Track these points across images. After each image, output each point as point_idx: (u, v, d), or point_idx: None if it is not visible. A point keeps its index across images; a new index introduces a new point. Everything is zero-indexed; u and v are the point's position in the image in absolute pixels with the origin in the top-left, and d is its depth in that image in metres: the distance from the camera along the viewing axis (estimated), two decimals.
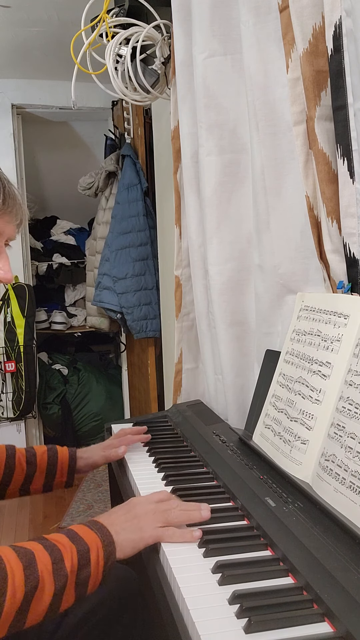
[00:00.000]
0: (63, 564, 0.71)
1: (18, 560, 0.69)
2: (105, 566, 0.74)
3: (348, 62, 0.90)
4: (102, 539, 0.76)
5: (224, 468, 1.01)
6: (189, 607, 0.63)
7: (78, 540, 0.74)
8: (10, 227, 0.87)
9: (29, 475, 1.09)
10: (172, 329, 1.66)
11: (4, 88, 3.11)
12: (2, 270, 0.87)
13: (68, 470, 1.12)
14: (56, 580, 0.70)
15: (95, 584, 0.74)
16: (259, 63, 1.08)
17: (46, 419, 3.49)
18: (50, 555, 0.71)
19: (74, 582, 0.71)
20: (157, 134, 2.29)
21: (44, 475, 1.10)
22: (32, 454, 1.12)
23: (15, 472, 1.08)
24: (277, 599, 0.64)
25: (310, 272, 1.06)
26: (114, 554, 0.76)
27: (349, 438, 0.80)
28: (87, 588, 0.73)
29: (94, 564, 0.73)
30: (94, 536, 0.76)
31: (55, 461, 1.11)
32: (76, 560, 0.72)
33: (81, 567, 0.72)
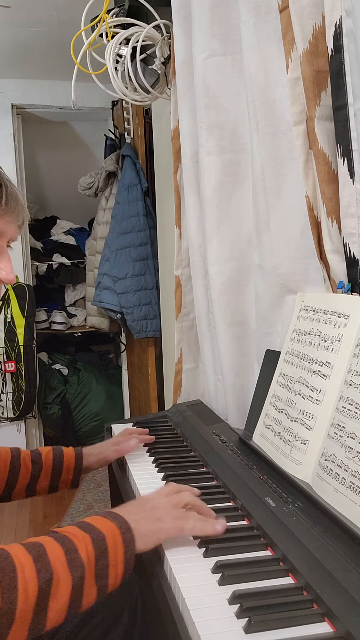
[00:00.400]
0: (77, 553, 0.67)
1: (27, 553, 0.65)
2: (126, 555, 0.70)
3: (348, 62, 0.90)
4: (119, 526, 0.72)
5: (224, 468, 1.01)
6: (189, 607, 0.63)
7: (91, 529, 0.71)
8: (12, 228, 0.87)
9: (34, 474, 1.08)
10: (172, 329, 1.66)
11: (4, 88, 3.11)
12: (4, 271, 0.86)
13: (75, 467, 1.11)
14: (72, 571, 0.66)
15: (117, 576, 0.70)
16: (259, 63, 1.08)
17: (46, 419, 3.49)
18: (61, 545, 0.67)
19: (93, 573, 0.67)
20: (157, 134, 2.29)
21: (50, 474, 1.09)
22: (37, 454, 1.11)
23: (20, 472, 1.07)
24: (277, 599, 0.64)
25: (310, 272, 1.06)
26: (133, 543, 0.71)
27: (349, 438, 0.80)
28: (109, 580, 0.69)
29: (111, 552, 0.69)
30: (109, 524, 0.72)
31: (61, 459, 1.10)
32: (92, 549, 0.68)
33: (98, 557, 0.68)
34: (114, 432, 1.32)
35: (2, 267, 0.86)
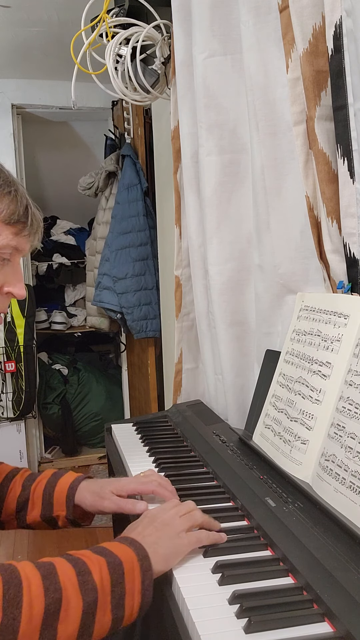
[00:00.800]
0: (90, 576, 0.63)
1: (35, 570, 0.62)
2: (143, 584, 0.66)
3: (348, 62, 0.90)
4: (136, 552, 0.68)
5: (224, 468, 1.01)
6: (189, 607, 0.63)
7: (107, 553, 0.67)
8: (28, 246, 0.89)
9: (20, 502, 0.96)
10: (172, 329, 1.66)
11: (4, 88, 3.11)
12: (17, 287, 0.87)
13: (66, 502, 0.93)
14: (83, 594, 0.61)
15: (134, 605, 0.65)
16: (259, 63, 1.08)
17: (46, 419, 3.49)
18: (74, 566, 0.64)
19: (108, 600, 0.63)
20: (157, 134, 2.29)
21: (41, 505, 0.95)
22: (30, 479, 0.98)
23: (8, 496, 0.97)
24: (277, 599, 0.64)
25: (310, 272, 1.06)
26: (150, 570, 0.67)
27: (349, 438, 0.80)
28: (124, 611, 0.64)
29: (128, 579, 0.65)
30: (125, 549, 0.68)
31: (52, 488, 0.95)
32: (107, 574, 0.64)
33: (114, 583, 0.64)
34: (114, 432, 1.32)
35: (15, 282, 0.87)
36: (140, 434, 1.28)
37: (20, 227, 0.84)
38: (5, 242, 0.83)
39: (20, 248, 0.86)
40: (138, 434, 1.28)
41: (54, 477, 0.97)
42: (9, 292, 0.87)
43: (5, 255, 0.85)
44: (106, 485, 0.92)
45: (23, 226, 0.84)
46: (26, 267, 3.29)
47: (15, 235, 0.84)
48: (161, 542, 0.72)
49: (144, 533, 0.73)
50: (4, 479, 0.99)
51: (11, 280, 0.87)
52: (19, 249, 0.86)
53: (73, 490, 0.93)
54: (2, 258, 0.85)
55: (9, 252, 0.85)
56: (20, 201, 0.83)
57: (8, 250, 0.84)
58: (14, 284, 0.87)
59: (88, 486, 0.93)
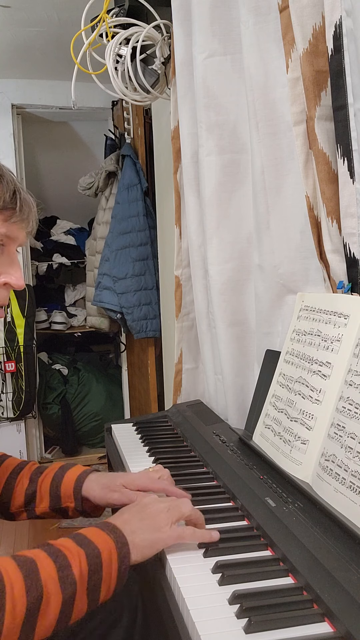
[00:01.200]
0: (70, 570, 0.66)
1: (17, 570, 0.64)
2: (120, 570, 0.70)
3: (348, 62, 0.90)
4: (115, 540, 0.71)
5: (224, 468, 1.01)
6: (189, 607, 0.63)
7: (87, 544, 0.70)
8: (23, 234, 0.87)
9: (29, 494, 0.97)
10: (172, 329, 1.66)
11: (4, 88, 3.11)
12: (14, 277, 0.86)
13: (73, 493, 0.94)
14: (63, 588, 0.65)
15: (109, 589, 0.69)
16: (259, 63, 1.08)
17: (46, 419, 3.49)
18: (54, 562, 0.66)
19: (85, 589, 0.67)
20: (157, 134, 2.29)
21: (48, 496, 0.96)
22: (37, 472, 1.00)
23: (15, 489, 0.99)
24: (277, 599, 0.64)
25: (310, 272, 1.06)
26: (128, 557, 0.71)
27: (349, 438, 0.80)
28: (100, 594, 0.68)
29: (106, 568, 0.69)
30: (105, 537, 0.71)
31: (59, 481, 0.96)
32: (85, 566, 0.67)
33: (92, 573, 0.67)
34: (114, 432, 1.32)
35: (12, 272, 0.86)
36: (140, 434, 1.28)
37: (8, 213, 0.82)
38: None
39: (12, 236, 0.84)
40: (138, 434, 1.28)
41: (61, 470, 0.97)
42: (6, 282, 0.86)
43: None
44: (116, 478, 0.93)
45: (12, 212, 0.82)
46: (26, 267, 3.29)
47: (4, 222, 0.82)
48: (140, 532, 0.74)
49: (128, 521, 0.75)
50: (12, 472, 1.00)
51: (7, 270, 0.85)
52: (11, 237, 0.84)
53: (80, 483, 0.94)
54: None
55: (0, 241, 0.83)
56: (7, 187, 0.82)
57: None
58: (11, 273, 0.86)
59: (97, 479, 0.94)
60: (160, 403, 2.70)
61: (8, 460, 1.03)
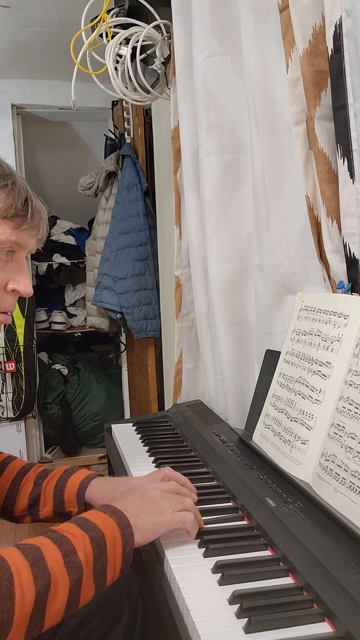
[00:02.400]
0: (75, 555, 0.66)
1: (23, 559, 0.64)
2: (124, 551, 0.70)
3: (348, 62, 0.90)
4: (118, 522, 0.72)
5: (224, 468, 1.01)
6: (189, 607, 0.63)
7: (90, 527, 0.70)
8: (33, 241, 0.87)
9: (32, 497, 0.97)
10: (172, 329, 1.66)
11: (4, 88, 3.11)
12: (23, 284, 0.85)
13: (76, 499, 0.94)
14: (70, 573, 0.65)
15: (115, 572, 0.70)
16: (259, 63, 1.08)
17: (46, 419, 3.49)
18: (59, 548, 0.67)
19: (91, 572, 0.67)
20: (157, 134, 2.29)
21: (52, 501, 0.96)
22: (42, 475, 0.99)
23: (20, 492, 0.98)
24: (277, 599, 0.64)
25: (310, 272, 1.06)
26: (132, 538, 0.71)
27: (349, 438, 0.80)
28: (106, 577, 0.69)
29: (110, 550, 0.69)
30: (108, 520, 0.72)
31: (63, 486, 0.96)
32: (90, 549, 0.68)
33: (97, 556, 0.68)
34: (114, 432, 1.32)
35: (20, 279, 0.85)
36: (140, 434, 1.28)
37: (19, 220, 0.82)
38: (4, 237, 0.81)
39: (22, 243, 0.84)
40: (138, 434, 1.28)
41: (66, 474, 0.97)
42: (14, 289, 0.85)
43: (7, 250, 0.82)
44: (118, 485, 0.92)
45: (22, 220, 0.82)
46: None
47: (14, 230, 0.81)
48: (142, 515, 0.74)
49: (130, 504, 0.76)
50: (17, 475, 1.00)
51: (16, 276, 0.85)
52: (20, 244, 0.84)
53: (83, 488, 0.94)
54: (5, 253, 0.82)
55: (9, 248, 0.83)
56: (19, 194, 0.81)
57: (8, 245, 0.82)
58: (20, 280, 0.85)
59: (100, 484, 0.94)
60: (160, 403, 2.70)
61: (13, 462, 1.03)
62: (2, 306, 0.86)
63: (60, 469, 1.00)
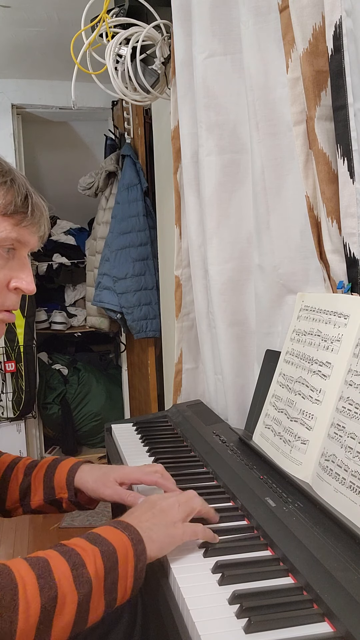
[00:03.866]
0: (85, 568, 0.64)
1: (30, 570, 0.62)
2: (136, 568, 0.68)
3: (348, 62, 0.90)
4: (130, 538, 0.69)
5: (224, 468, 1.01)
6: (189, 607, 0.63)
7: (101, 541, 0.68)
8: (35, 239, 0.86)
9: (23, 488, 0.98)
10: (172, 329, 1.66)
11: (4, 88, 3.11)
12: (25, 281, 0.84)
13: (66, 484, 0.95)
14: (78, 587, 0.63)
15: (127, 589, 0.67)
16: (259, 63, 1.08)
17: (46, 419, 3.49)
18: (68, 561, 0.65)
19: (102, 587, 0.65)
20: (157, 134, 2.29)
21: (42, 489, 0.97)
22: (31, 466, 1.01)
23: (10, 484, 0.99)
24: (277, 599, 0.64)
25: (310, 272, 1.06)
26: (144, 554, 0.69)
27: (349, 438, 0.80)
28: (117, 595, 0.66)
29: (122, 565, 0.67)
30: (119, 535, 0.70)
31: (52, 473, 0.97)
32: (101, 563, 0.65)
33: (108, 570, 0.65)
34: (114, 432, 1.32)
35: (23, 277, 0.84)
36: (140, 434, 1.28)
37: (19, 217, 0.81)
38: (5, 234, 0.80)
39: (23, 240, 0.83)
40: (138, 434, 1.28)
41: (54, 462, 0.99)
42: (17, 287, 0.84)
43: (9, 248, 0.82)
44: (110, 472, 0.93)
45: (22, 217, 0.81)
46: None
47: (15, 227, 0.81)
48: (156, 528, 0.72)
49: (141, 518, 0.74)
50: (6, 468, 1.01)
51: (18, 274, 0.84)
52: (22, 241, 0.83)
53: (73, 473, 0.95)
54: (7, 251, 0.82)
55: (10, 245, 0.82)
56: (18, 190, 0.81)
57: (8, 242, 0.81)
58: (22, 278, 0.84)
59: (91, 471, 0.95)
60: (160, 403, 2.70)
61: (2, 457, 1.04)
62: (4, 304, 0.85)
63: (49, 459, 1.01)
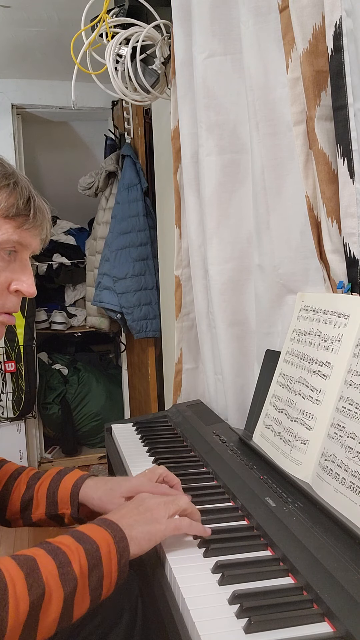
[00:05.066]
0: (70, 566, 0.67)
1: (18, 569, 0.64)
2: (120, 564, 0.70)
3: (348, 62, 0.90)
4: (113, 535, 0.72)
5: (224, 468, 1.01)
6: (189, 607, 0.63)
7: (85, 539, 0.70)
8: (37, 241, 0.86)
9: (25, 500, 0.97)
10: (172, 329, 1.66)
11: (4, 88, 3.11)
12: (26, 284, 0.85)
13: (70, 500, 0.93)
14: (64, 585, 0.65)
15: (111, 584, 0.70)
16: (259, 63, 1.08)
17: (46, 419, 3.49)
18: (54, 559, 0.67)
19: (87, 584, 0.67)
20: (157, 134, 2.29)
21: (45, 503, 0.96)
22: (35, 477, 0.99)
23: (12, 495, 0.98)
24: (277, 599, 0.64)
25: (310, 272, 1.06)
26: (127, 550, 0.71)
27: (349, 438, 0.80)
28: (102, 590, 0.69)
29: (106, 562, 0.69)
30: (103, 533, 0.72)
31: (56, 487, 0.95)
32: (85, 561, 0.68)
33: (92, 568, 0.68)
34: (114, 432, 1.32)
35: (24, 279, 0.85)
36: (140, 434, 1.28)
37: (21, 220, 0.81)
38: (6, 236, 0.80)
39: (25, 243, 0.83)
40: (138, 434, 1.28)
41: (58, 476, 0.96)
42: (17, 289, 0.84)
43: (10, 250, 0.82)
44: (116, 488, 0.90)
45: (24, 219, 0.82)
46: None
47: (16, 229, 0.81)
48: (137, 525, 0.74)
49: (125, 516, 0.76)
50: (9, 478, 0.99)
51: (19, 277, 0.84)
52: (23, 244, 0.83)
53: (77, 489, 0.93)
54: (8, 253, 0.82)
55: (12, 247, 0.82)
56: (21, 193, 0.81)
57: (10, 245, 0.81)
58: (23, 280, 0.84)
59: (96, 486, 0.92)
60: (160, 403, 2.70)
61: (6, 465, 1.02)
62: (5, 307, 0.85)
63: (53, 471, 0.99)
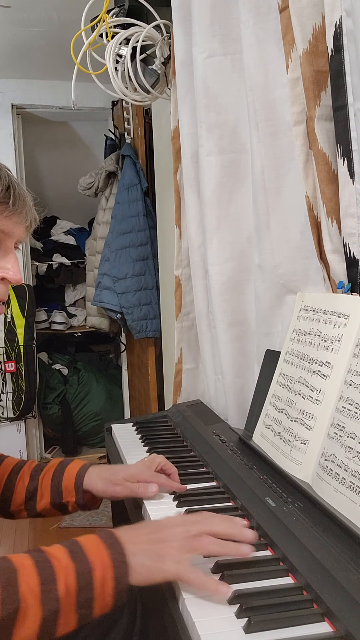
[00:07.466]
0: (54, 585, 0.62)
1: None
2: (116, 589, 0.65)
3: (348, 62, 0.90)
4: (113, 558, 0.66)
5: (224, 468, 1.01)
6: (189, 607, 0.63)
7: (80, 558, 0.66)
8: (20, 229, 0.87)
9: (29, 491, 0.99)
10: (172, 329, 1.66)
11: (4, 88, 3.11)
12: (12, 271, 0.86)
13: (74, 487, 0.96)
14: (44, 604, 0.61)
15: (105, 605, 0.65)
16: (259, 63, 1.08)
17: (46, 419, 3.49)
18: (39, 574, 0.63)
19: (73, 604, 0.63)
20: (157, 134, 2.29)
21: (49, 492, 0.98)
22: (38, 469, 1.01)
23: (16, 488, 1.00)
24: (277, 599, 0.64)
25: (310, 272, 1.06)
26: (126, 577, 0.66)
27: (349, 438, 0.80)
28: (93, 610, 0.65)
29: (98, 586, 0.64)
30: (102, 553, 0.67)
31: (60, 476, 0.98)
32: (73, 581, 0.63)
33: (81, 589, 0.64)
34: (114, 432, 1.32)
35: (9, 267, 0.86)
36: (140, 434, 1.28)
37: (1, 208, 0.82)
38: None
39: (7, 231, 0.84)
40: (138, 434, 1.28)
41: (61, 466, 1.00)
42: (3, 277, 0.86)
43: None
44: (118, 472, 0.96)
45: (4, 207, 0.82)
46: (26, 267, 3.29)
47: None
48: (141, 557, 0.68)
49: (135, 539, 0.70)
50: (12, 471, 1.02)
51: (4, 264, 0.85)
52: (5, 232, 0.84)
53: (81, 477, 0.96)
54: None
55: None
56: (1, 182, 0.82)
57: None
58: (8, 268, 0.85)
59: (99, 473, 0.96)
60: (160, 403, 2.70)
61: (7, 459, 1.05)
62: None
63: (54, 462, 1.02)
